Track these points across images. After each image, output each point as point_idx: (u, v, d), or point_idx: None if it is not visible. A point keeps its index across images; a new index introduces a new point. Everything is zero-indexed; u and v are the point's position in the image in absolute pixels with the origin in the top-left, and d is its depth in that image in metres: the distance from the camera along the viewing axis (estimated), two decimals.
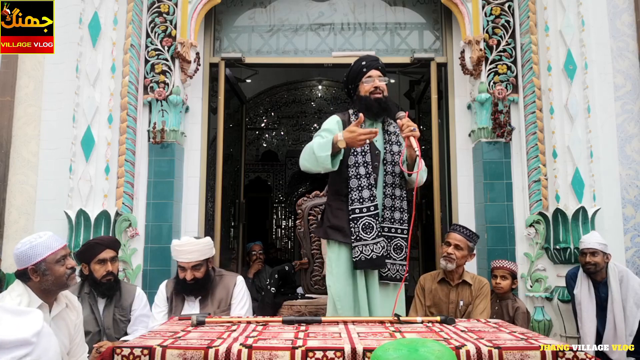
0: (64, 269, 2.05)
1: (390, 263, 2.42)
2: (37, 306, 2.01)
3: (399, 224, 2.47)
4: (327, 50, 4.11)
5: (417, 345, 1.11)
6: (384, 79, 2.53)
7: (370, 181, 2.42)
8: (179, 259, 2.72)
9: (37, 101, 3.79)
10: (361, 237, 2.37)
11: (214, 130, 4.17)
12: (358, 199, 2.41)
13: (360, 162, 2.44)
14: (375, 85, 2.48)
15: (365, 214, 2.39)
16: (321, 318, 1.84)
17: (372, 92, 2.48)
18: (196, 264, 2.69)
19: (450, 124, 3.93)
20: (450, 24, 3.98)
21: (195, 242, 2.74)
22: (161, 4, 3.73)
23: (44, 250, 2.02)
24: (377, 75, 2.51)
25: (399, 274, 2.44)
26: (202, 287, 2.73)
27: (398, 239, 2.47)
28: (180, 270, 2.73)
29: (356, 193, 2.42)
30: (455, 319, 1.94)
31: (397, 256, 2.45)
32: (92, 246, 2.75)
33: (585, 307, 3.07)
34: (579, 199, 3.41)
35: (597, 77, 3.67)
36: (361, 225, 2.39)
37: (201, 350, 1.37)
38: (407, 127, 2.33)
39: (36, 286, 2.03)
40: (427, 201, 4.51)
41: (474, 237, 2.94)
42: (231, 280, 2.85)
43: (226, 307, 2.76)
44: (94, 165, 3.49)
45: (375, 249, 2.37)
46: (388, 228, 2.44)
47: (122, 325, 2.72)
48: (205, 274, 2.74)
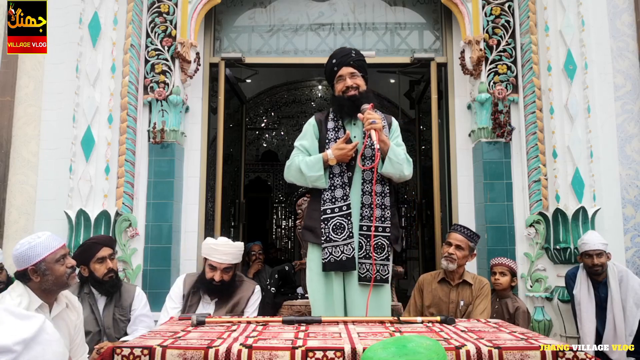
0: (64, 268, 2.04)
1: (369, 263, 2.28)
2: (37, 306, 2.01)
3: (379, 222, 2.31)
4: (327, 50, 4.11)
5: (404, 342, 1.11)
6: (356, 74, 2.42)
7: (343, 179, 2.33)
8: (213, 258, 2.70)
9: (37, 101, 3.79)
10: (331, 238, 2.28)
11: (214, 130, 4.17)
12: (330, 199, 2.33)
13: None
14: (347, 85, 2.40)
15: (337, 214, 2.30)
16: (321, 318, 1.84)
17: (345, 91, 2.41)
18: (228, 267, 2.70)
19: (450, 124, 3.93)
20: (450, 24, 3.98)
21: (232, 244, 2.75)
22: (161, 4, 3.73)
23: (43, 250, 2.01)
24: (349, 73, 2.41)
25: (379, 274, 2.29)
26: (226, 290, 2.74)
27: (379, 238, 2.31)
28: (209, 269, 2.72)
29: (328, 192, 2.34)
30: (456, 319, 1.94)
31: (378, 256, 2.30)
32: (89, 246, 2.75)
33: (585, 307, 3.07)
34: (579, 199, 3.41)
35: (597, 77, 3.67)
36: (332, 225, 2.30)
37: (201, 350, 1.37)
38: (366, 119, 2.26)
39: (36, 286, 2.02)
40: (427, 201, 4.52)
41: (474, 237, 2.94)
42: (249, 288, 2.86)
43: (239, 313, 2.76)
44: (94, 165, 3.49)
45: (345, 250, 2.27)
46: (367, 227, 2.31)
47: (122, 325, 2.72)
48: (231, 278, 2.75)
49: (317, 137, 2.48)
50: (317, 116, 2.53)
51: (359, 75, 2.43)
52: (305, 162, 2.35)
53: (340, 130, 2.42)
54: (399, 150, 2.37)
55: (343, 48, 2.56)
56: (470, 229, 2.97)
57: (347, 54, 2.45)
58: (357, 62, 2.45)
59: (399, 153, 2.33)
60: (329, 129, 2.44)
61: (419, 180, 5.12)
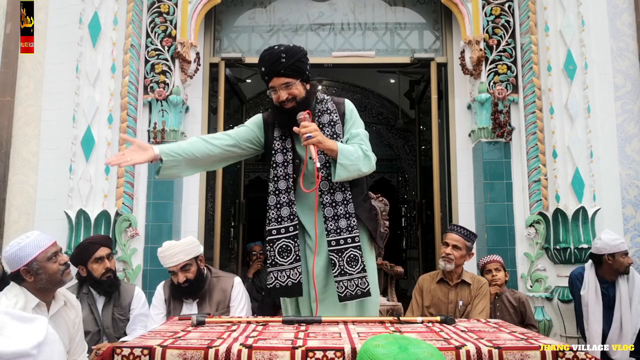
0: (57, 266, 2.03)
1: (346, 280, 2.04)
2: (35, 305, 2.01)
3: (347, 232, 2.07)
4: (327, 50, 4.11)
5: (408, 344, 1.10)
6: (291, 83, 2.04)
7: (290, 197, 2.09)
8: (167, 265, 2.68)
9: (37, 101, 3.79)
10: (277, 261, 2.06)
11: (214, 130, 4.16)
12: (275, 218, 2.09)
13: (281, 174, 2.11)
14: (282, 99, 2.05)
15: (283, 235, 2.07)
16: (321, 318, 1.83)
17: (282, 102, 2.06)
18: (184, 265, 2.65)
19: (450, 124, 3.93)
20: (450, 24, 3.98)
21: (176, 243, 2.70)
22: (161, 4, 3.73)
23: (34, 249, 2.00)
24: (281, 84, 2.04)
25: (359, 289, 2.04)
26: (196, 287, 2.70)
27: (350, 250, 2.06)
28: (172, 276, 2.70)
29: (274, 211, 2.09)
30: (455, 319, 1.94)
31: (354, 269, 2.05)
32: (86, 246, 2.75)
33: (592, 309, 3.02)
34: (579, 199, 3.41)
35: (597, 77, 3.66)
36: (277, 248, 2.07)
37: (201, 350, 1.36)
38: (302, 134, 1.96)
39: (32, 286, 2.02)
40: (427, 201, 4.52)
41: (471, 236, 2.94)
42: (228, 282, 2.82)
43: (225, 310, 2.74)
44: (94, 165, 3.49)
45: (291, 274, 2.05)
46: (336, 241, 2.06)
47: (121, 324, 2.72)
48: (196, 274, 2.69)
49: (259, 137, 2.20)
50: (264, 116, 2.23)
51: (295, 83, 2.05)
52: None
53: (287, 139, 2.14)
54: (350, 149, 2.04)
55: (271, 51, 2.06)
56: (466, 229, 2.96)
57: (276, 61, 2.02)
58: (291, 68, 2.03)
59: (351, 153, 2.02)
60: (275, 137, 2.16)
61: (419, 180, 5.13)
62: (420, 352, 1.07)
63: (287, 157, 2.12)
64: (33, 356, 1.20)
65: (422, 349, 1.09)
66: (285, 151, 2.13)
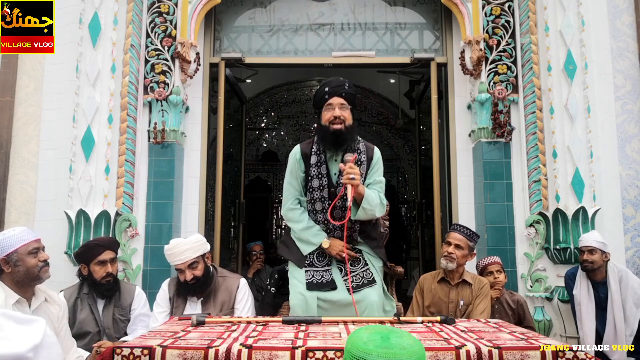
0: (35, 261, 2.09)
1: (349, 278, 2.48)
2: (15, 301, 2.05)
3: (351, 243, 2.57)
4: (327, 50, 4.11)
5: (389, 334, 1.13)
6: (346, 106, 2.44)
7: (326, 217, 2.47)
8: (175, 263, 2.70)
9: (37, 101, 3.79)
10: (313, 262, 2.54)
11: (214, 130, 4.17)
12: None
13: (317, 197, 2.52)
14: (335, 115, 2.41)
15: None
16: (321, 318, 1.84)
17: (332, 121, 2.41)
18: (192, 262, 2.67)
19: (450, 124, 3.92)
20: (450, 24, 3.98)
21: (184, 241, 2.72)
22: (161, 4, 3.73)
23: (16, 242, 2.08)
24: (339, 104, 2.42)
25: (364, 279, 2.48)
26: (204, 284, 2.72)
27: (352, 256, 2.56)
28: (180, 273, 2.71)
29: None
30: (455, 319, 1.94)
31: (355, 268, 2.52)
32: (92, 247, 2.75)
33: (585, 308, 3.07)
34: (579, 199, 3.41)
35: (597, 77, 3.66)
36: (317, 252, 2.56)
37: (201, 350, 1.37)
38: (346, 173, 2.29)
39: (9, 278, 2.06)
40: (427, 201, 4.52)
41: (474, 236, 2.94)
42: (234, 283, 2.83)
43: (229, 310, 2.74)
44: (94, 165, 3.49)
45: (325, 275, 2.48)
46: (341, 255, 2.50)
47: (121, 324, 2.72)
48: (204, 271, 2.72)
49: (302, 171, 2.57)
50: (302, 147, 2.59)
51: (348, 108, 2.46)
52: (303, 232, 2.53)
53: (323, 165, 2.51)
54: (374, 195, 2.42)
55: (338, 78, 2.54)
56: (469, 229, 2.97)
57: (341, 85, 2.47)
58: (349, 95, 2.47)
59: (373, 199, 2.40)
60: (312, 164, 2.52)
61: (419, 180, 5.13)
62: (402, 341, 1.09)
63: (322, 182, 2.49)
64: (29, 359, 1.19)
65: (404, 339, 1.10)
66: (321, 177, 2.50)
